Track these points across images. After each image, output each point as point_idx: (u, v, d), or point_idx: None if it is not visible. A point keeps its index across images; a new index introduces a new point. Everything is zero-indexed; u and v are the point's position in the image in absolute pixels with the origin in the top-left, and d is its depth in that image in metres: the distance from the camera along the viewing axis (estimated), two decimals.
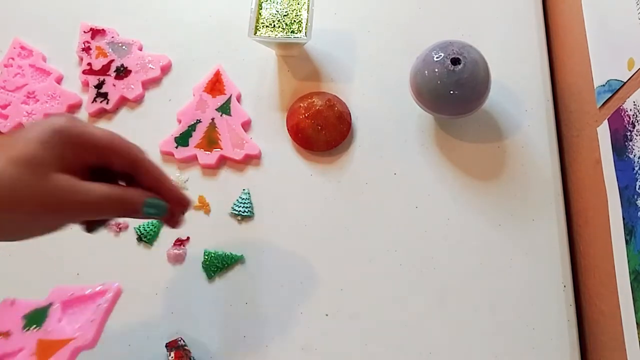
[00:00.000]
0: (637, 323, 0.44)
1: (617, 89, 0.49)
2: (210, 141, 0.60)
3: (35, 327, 0.34)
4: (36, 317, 0.35)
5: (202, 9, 0.67)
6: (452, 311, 0.55)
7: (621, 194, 0.48)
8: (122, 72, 0.63)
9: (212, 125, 0.61)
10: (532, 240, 0.57)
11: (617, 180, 0.48)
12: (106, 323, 0.34)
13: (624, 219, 0.47)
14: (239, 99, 0.62)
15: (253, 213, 0.58)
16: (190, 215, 0.56)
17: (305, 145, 0.60)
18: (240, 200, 0.59)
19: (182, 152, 0.60)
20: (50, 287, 0.57)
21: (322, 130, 0.59)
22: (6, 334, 0.34)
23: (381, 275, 0.56)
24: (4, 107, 0.62)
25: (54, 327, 0.34)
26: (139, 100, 0.63)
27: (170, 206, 0.41)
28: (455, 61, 0.53)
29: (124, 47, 0.64)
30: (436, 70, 0.54)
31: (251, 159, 0.61)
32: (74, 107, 0.63)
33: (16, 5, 0.68)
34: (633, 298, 0.45)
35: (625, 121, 0.47)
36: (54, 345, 0.32)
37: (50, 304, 0.35)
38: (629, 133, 0.47)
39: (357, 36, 0.65)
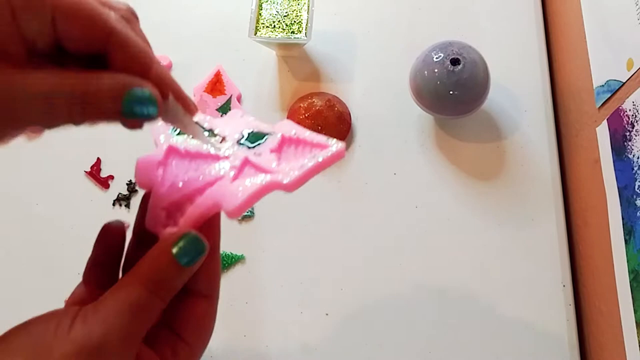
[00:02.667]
0: (636, 323, 0.44)
1: (616, 89, 0.49)
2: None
3: (248, 145, 0.31)
4: (254, 137, 0.32)
5: (202, 10, 0.67)
6: (452, 311, 0.55)
7: (620, 194, 0.48)
8: None
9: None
10: (532, 240, 0.57)
11: (616, 180, 0.48)
12: (313, 177, 0.30)
13: (623, 218, 0.47)
14: (239, 99, 0.63)
15: (253, 213, 0.59)
16: None
17: None
18: None
19: None
20: (51, 287, 0.57)
21: (322, 130, 0.59)
22: (222, 139, 0.32)
23: (381, 275, 0.56)
24: None
25: (264, 154, 0.31)
26: None
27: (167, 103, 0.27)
28: (454, 61, 0.53)
29: None
30: (436, 70, 0.54)
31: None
32: None
33: None
34: (632, 298, 0.45)
35: (625, 121, 0.47)
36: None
37: (273, 132, 0.31)
38: (628, 133, 0.47)
39: (357, 36, 0.65)
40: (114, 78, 0.25)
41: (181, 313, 0.29)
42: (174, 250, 0.27)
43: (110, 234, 0.32)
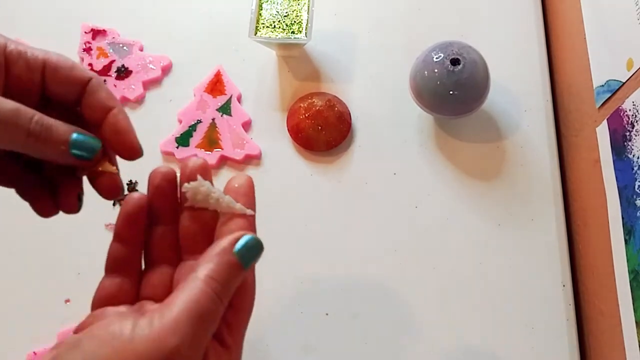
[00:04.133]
0: (636, 322, 0.45)
1: (616, 89, 0.49)
2: (211, 141, 0.60)
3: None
4: None
5: (202, 10, 0.67)
6: (451, 311, 0.55)
7: (620, 194, 0.48)
8: (123, 73, 0.63)
9: (213, 125, 0.61)
10: (532, 240, 0.57)
11: (616, 180, 0.48)
12: None
13: (623, 218, 0.47)
14: (239, 99, 0.63)
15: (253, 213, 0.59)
16: None
17: (306, 146, 0.60)
18: None
19: (182, 152, 0.60)
20: (51, 287, 0.57)
21: (322, 130, 0.59)
22: None
23: (381, 275, 0.56)
24: None
25: None
26: (139, 101, 0.63)
27: (106, 148, 0.31)
28: (454, 62, 0.54)
29: (124, 47, 0.65)
30: (436, 70, 0.54)
31: (251, 159, 0.61)
32: None
33: (17, 6, 0.68)
34: (632, 297, 0.45)
35: (625, 121, 0.47)
36: None
37: None
38: (628, 133, 0.47)
39: (357, 36, 0.65)
40: (68, 123, 0.30)
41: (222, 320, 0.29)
42: (236, 251, 0.28)
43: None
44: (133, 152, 0.31)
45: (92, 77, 0.31)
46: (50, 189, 0.32)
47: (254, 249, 0.30)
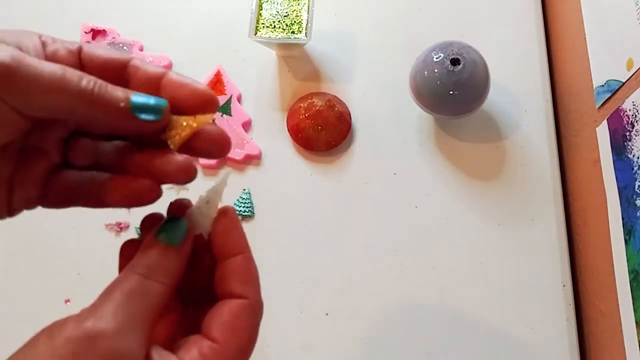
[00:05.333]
0: (636, 322, 0.45)
1: (616, 89, 0.49)
2: None
3: None
4: None
5: (202, 10, 0.67)
6: (451, 311, 0.55)
7: (620, 194, 0.48)
8: None
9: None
10: (532, 240, 0.57)
11: (616, 180, 0.48)
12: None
13: (623, 218, 0.47)
14: (239, 99, 0.63)
15: (253, 213, 0.59)
16: None
17: (306, 145, 0.60)
18: (240, 200, 0.59)
19: None
20: (51, 287, 0.57)
21: (322, 130, 0.59)
22: None
23: (381, 275, 0.56)
24: None
25: None
26: None
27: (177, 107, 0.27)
28: (454, 62, 0.54)
29: (124, 47, 0.65)
30: (436, 70, 0.54)
31: (251, 159, 0.61)
32: None
33: (16, 6, 0.68)
34: (632, 297, 0.45)
35: (625, 121, 0.47)
36: None
37: None
38: (628, 133, 0.47)
39: (357, 36, 0.65)
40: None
41: (211, 314, 0.28)
42: (157, 232, 0.27)
43: None
44: (207, 99, 0.27)
45: (131, 58, 0.28)
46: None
47: (172, 226, 0.28)
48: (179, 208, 0.30)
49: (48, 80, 0.24)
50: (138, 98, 0.26)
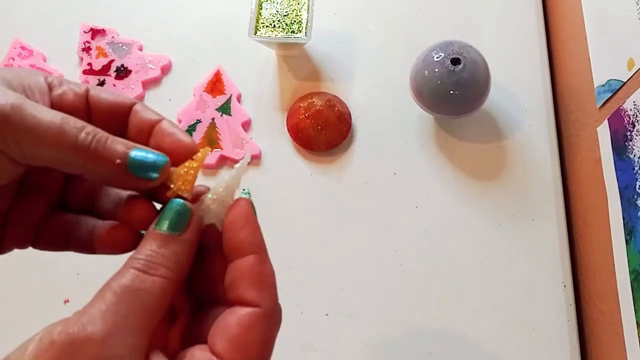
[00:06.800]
0: (637, 323, 0.44)
1: (617, 89, 0.49)
2: (211, 141, 0.60)
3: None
4: None
5: (202, 9, 0.67)
6: (452, 311, 0.55)
7: (621, 194, 0.48)
8: (123, 72, 0.63)
9: (213, 125, 0.61)
10: (532, 240, 0.57)
11: (617, 180, 0.48)
12: None
13: (624, 219, 0.47)
14: (239, 99, 0.62)
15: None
16: None
17: (306, 145, 0.60)
18: None
19: None
20: (51, 287, 0.57)
21: (322, 130, 0.59)
22: None
23: (381, 275, 0.56)
24: None
25: None
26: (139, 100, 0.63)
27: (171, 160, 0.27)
28: (455, 61, 0.53)
29: (124, 47, 0.64)
30: (436, 70, 0.54)
31: (251, 159, 0.61)
32: None
33: (16, 5, 0.68)
34: (633, 298, 0.45)
35: (625, 121, 0.47)
36: None
37: None
38: (629, 133, 0.47)
39: (357, 36, 0.65)
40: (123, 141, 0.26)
41: (218, 323, 0.25)
42: (156, 222, 0.25)
43: None
44: (189, 150, 0.27)
45: (135, 101, 0.28)
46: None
47: (171, 210, 0.25)
48: (195, 195, 0.27)
49: (44, 132, 0.24)
50: (137, 154, 0.25)
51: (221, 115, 0.61)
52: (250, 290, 0.25)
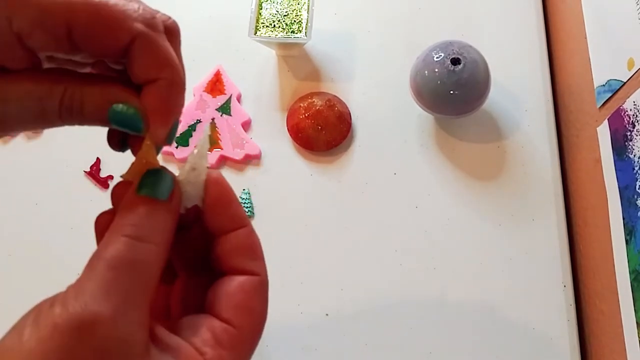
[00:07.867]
0: (637, 323, 0.44)
1: (617, 89, 0.49)
2: (211, 141, 0.60)
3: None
4: None
5: (202, 9, 0.67)
6: (452, 311, 0.55)
7: (621, 194, 0.48)
8: None
9: (212, 125, 0.61)
10: (532, 240, 0.57)
11: (617, 180, 0.48)
12: None
13: (624, 219, 0.47)
14: (239, 99, 0.62)
15: (253, 213, 0.58)
16: None
17: (306, 145, 0.60)
18: (240, 200, 0.59)
19: (182, 152, 0.60)
20: (51, 287, 0.56)
21: (322, 130, 0.59)
22: None
23: (381, 276, 0.56)
24: None
25: None
26: None
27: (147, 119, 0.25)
28: (455, 61, 0.53)
29: None
30: (436, 70, 0.54)
31: (251, 159, 0.61)
32: None
33: None
34: (633, 298, 0.45)
35: (625, 121, 0.47)
36: None
37: None
38: (629, 133, 0.47)
39: (357, 36, 0.65)
40: (102, 92, 0.25)
41: (219, 292, 0.25)
42: (139, 188, 0.24)
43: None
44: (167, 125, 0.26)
45: (136, 35, 0.25)
46: None
47: (152, 176, 0.25)
48: None
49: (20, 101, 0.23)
50: (116, 110, 0.25)
51: (221, 115, 0.61)
52: (249, 261, 0.26)
